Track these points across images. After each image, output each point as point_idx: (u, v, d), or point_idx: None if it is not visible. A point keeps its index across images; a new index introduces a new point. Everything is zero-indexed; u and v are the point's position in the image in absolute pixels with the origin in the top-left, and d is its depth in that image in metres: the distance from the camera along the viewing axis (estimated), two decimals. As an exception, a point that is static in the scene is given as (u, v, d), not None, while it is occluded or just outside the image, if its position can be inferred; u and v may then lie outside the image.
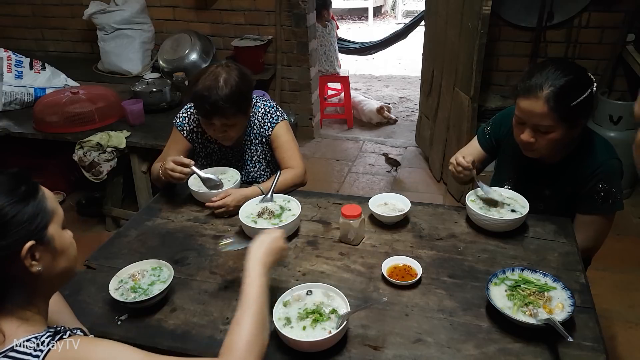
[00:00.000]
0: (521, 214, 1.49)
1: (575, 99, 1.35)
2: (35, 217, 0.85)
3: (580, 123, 1.44)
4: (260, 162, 1.92)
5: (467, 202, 1.56)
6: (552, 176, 1.59)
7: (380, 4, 10.95)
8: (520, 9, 3.38)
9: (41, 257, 0.86)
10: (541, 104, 1.36)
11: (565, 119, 1.38)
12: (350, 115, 4.69)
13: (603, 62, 3.39)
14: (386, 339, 1.15)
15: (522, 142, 1.47)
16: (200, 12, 3.99)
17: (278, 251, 1.16)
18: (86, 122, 2.87)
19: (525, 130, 1.44)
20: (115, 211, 3.09)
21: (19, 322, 0.84)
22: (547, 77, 1.37)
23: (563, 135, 1.42)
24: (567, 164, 1.56)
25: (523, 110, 1.41)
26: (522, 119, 1.43)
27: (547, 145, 1.43)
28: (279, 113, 1.88)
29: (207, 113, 1.66)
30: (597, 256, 1.70)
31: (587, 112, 1.41)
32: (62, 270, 0.92)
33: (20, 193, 0.84)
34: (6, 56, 3.23)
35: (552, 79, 1.36)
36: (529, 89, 1.38)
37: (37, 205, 0.86)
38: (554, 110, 1.35)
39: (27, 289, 0.87)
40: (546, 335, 1.11)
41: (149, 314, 1.25)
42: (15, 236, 0.82)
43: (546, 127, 1.39)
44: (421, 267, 1.34)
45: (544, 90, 1.35)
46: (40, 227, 0.86)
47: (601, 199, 1.51)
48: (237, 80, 1.66)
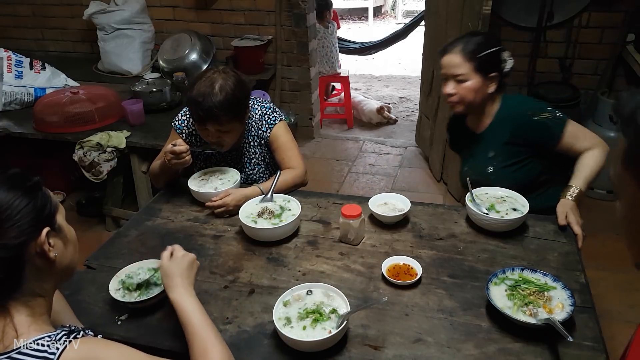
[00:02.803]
0: (522, 213, 1.50)
1: (483, 52, 1.64)
2: (45, 206, 0.89)
3: (492, 77, 1.66)
4: (259, 164, 1.92)
5: (467, 202, 1.57)
6: (487, 138, 1.78)
7: (380, 4, 10.94)
8: (520, 9, 3.38)
9: (55, 244, 0.90)
10: (456, 56, 1.65)
11: (476, 68, 1.64)
12: (350, 115, 4.69)
13: (603, 62, 3.39)
14: (386, 339, 1.15)
15: (446, 95, 1.71)
16: (200, 12, 3.99)
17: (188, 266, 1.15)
18: (86, 122, 2.87)
19: (447, 84, 1.70)
20: (115, 211, 3.09)
21: (30, 320, 0.86)
22: (461, 38, 1.70)
23: (478, 85, 1.65)
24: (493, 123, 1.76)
25: (444, 65, 1.69)
26: (444, 74, 1.70)
27: (466, 93, 1.66)
28: (277, 114, 1.87)
29: (201, 119, 1.65)
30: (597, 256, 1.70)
31: (495, 66, 1.67)
32: (69, 262, 0.96)
33: (27, 186, 0.88)
34: (6, 56, 3.23)
35: (465, 39, 1.68)
36: (447, 48, 1.69)
37: (44, 195, 0.91)
38: (467, 59, 1.64)
39: (39, 277, 0.89)
40: (546, 335, 1.11)
41: (149, 314, 1.25)
42: (30, 223, 0.85)
43: (462, 76, 1.65)
44: (421, 267, 1.34)
45: (457, 46, 1.66)
46: (51, 214, 0.91)
47: (550, 122, 1.65)
48: (232, 87, 1.65)
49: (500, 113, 1.74)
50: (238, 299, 1.30)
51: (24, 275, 0.86)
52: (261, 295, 1.31)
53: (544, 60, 3.52)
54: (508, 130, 1.71)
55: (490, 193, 1.63)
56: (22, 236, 0.84)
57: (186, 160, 1.69)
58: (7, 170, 0.91)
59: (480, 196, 1.61)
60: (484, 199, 1.59)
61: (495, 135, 1.75)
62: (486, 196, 1.61)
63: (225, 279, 1.38)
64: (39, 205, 0.88)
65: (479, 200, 1.58)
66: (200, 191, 1.71)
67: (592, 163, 1.62)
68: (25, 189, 0.88)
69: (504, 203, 1.57)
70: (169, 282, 1.11)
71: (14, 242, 0.83)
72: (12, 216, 0.83)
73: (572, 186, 1.60)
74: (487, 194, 1.63)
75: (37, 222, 0.87)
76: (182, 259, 1.15)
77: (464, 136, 1.88)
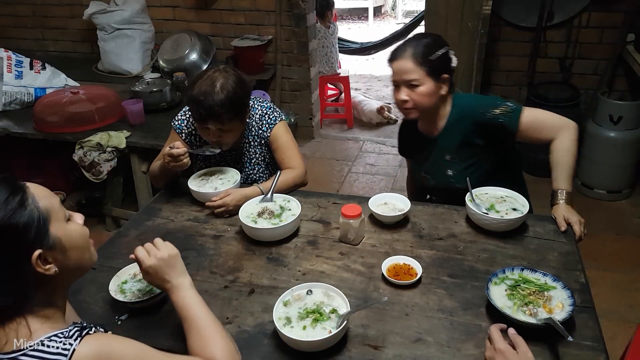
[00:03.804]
0: (522, 213, 1.50)
1: (433, 54, 1.61)
2: (29, 227, 0.82)
3: (443, 79, 1.64)
4: (259, 164, 1.92)
5: (467, 202, 1.57)
6: (442, 142, 1.76)
7: (380, 4, 10.94)
8: (520, 9, 3.38)
9: (53, 259, 0.86)
10: (407, 61, 1.61)
11: (428, 72, 1.60)
12: (350, 115, 4.69)
13: (603, 62, 3.39)
14: (386, 339, 1.15)
15: (399, 102, 1.67)
16: (200, 12, 3.99)
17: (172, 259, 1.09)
18: (86, 122, 2.87)
19: (400, 91, 1.65)
20: (115, 211, 3.09)
21: (43, 319, 0.86)
22: (409, 42, 1.66)
23: (431, 89, 1.62)
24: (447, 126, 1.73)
25: (395, 71, 1.65)
26: (396, 81, 1.66)
27: (420, 99, 1.63)
28: (277, 114, 1.87)
29: (202, 118, 1.65)
30: (597, 256, 1.70)
31: (446, 67, 1.65)
32: (76, 263, 0.92)
33: (11, 207, 0.80)
34: (6, 56, 3.23)
35: (414, 44, 1.64)
36: (397, 53, 1.65)
37: (30, 214, 0.82)
38: (418, 64, 1.60)
39: (46, 288, 0.87)
40: (546, 334, 1.11)
41: (149, 314, 1.25)
42: (19, 248, 0.81)
43: (415, 81, 1.61)
44: (421, 267, 1.34)
45: (407, 50, 1.62)
46: (42, 233, 0.83)
47: (506, 113, 1.62)
48: (233, 86, 1.65)
49: (452, 115, 1.71)
50: (238, 299, 1.30)
51: (29, 293, 0.85)
52: (261, 295, 1.31)
53: (544, 60, 3.52)
54: (462, 132, 1.69)
55: (490, 193, 1.63)
56: (11, 266, 0.81)
57: (184, 163, 1.68)
58: None
59: (480, 196, 1.61)
60: (483, 199, 1.59)
61: (450, 138, 1.73)
62: (486, 196, 1.61)
63: (225, 279, 1.38)
64: (21, 229, 0.80)
65: (478, 200, 1.58)
66: (200, 191, 1.71)
67: (567, 157, 1.59)
68: (9, 212, 0.79)
69: (504, 203, 1.57)
70: (160, 284, 1.09)
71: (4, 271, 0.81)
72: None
73: (557, 191, 1.59)
74: (487, 193, 1.63)
75: (24, 248, 0.81)
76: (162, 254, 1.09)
77: (417, 141, 1.84)
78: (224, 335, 1.03)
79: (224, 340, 1.01)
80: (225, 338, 1.02)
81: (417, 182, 1.92)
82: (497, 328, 1.03)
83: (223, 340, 1.01)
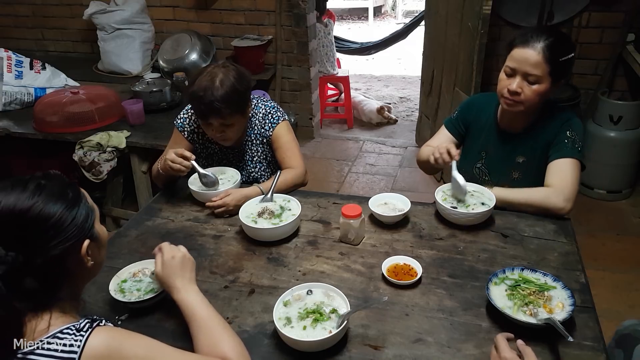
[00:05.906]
0: (489, 206, 1.52)
1: (564, 56, 1.51)
2: (87, 218, 0.92)
3: (560, 83, 1.56)
4: (261, 162, 1.92)
5: (436, 197, 1.59)
6: (521, 142, 1.69)
7: (380, 4, 10.95)
8: (520, 9, 3.38)
9: (92, 252, 0.93)
10: (536, 53, 1.49)
11: (552, 72, 1.50)
12: (350, 115, 4.69)
13: (603, 62, 3.38)
14: (386, 339, 1.15)
15: (508, 91, 1.55)
16: (200, 12, 3.99)
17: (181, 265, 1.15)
18: (86, 122, 2.87)
19: (514, 81, 1.54)
20: (115, 211, 3.09)
21: (59, 314, 0.88)
22: (543, 33, 1.52)
23: (546, 90, 1.53)
24: (533, 129, 1.67)
25: (518, 59, 1.52)
26: (513, 69, 1.54)
27: (533, 97, 1.53)
28: (280, 113, 1.88)
29: (203, 113, 1.66)
30: (597, 256, 1.70)
31: (568, 72, 1.59)
32: (101, 260, 1.00)
33: (70, 198, 0.89)
34: (6, 56, 3.23)
35: (547, 35, 1.51)
36: (527, 40, 1.51)
37: (85, 206, 0.92)
38: (547, 61, 1.49)
39: (75, 282, 0.93)
40: (546, 334, 1.11)
41: (149, 314, 1.25)
42: (74, 238, 0.88)
43: (535, 77, 1.50)
44: (421, 267, 1.34)
45: (540, 42, 1.49)
46: (90, 225, 0.93)
47: (570, 143, 1.60)
48: (233, 80, 1.65)
49: (540, 119, 1.65)
50: (238, 299, 1.30)
51: (60, 284, 0.89)
52: (261, 295, 1.31)
53: (544, 60, 3.52)
54: (544, 139, 1.63)
55: None
56: (65, 249, 0.86)
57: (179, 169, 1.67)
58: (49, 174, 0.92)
59: (447, 191, 1.65)
60: (450, 194, 1.64)
61: (530, 141, 1.66)
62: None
63: (225, 279, 1.38)
64: (82, 219, 0.90)
65: (446, 195, 1.64)
66: (200, 191, 1.71)
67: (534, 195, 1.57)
68: (70, 200, 0.88)
69: (472, 197, 1.60)
70: (168, 287, 1.14)
71: (56, 254, 0.85)
72: (59, 230, 0.85)
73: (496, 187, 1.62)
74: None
75: (79, 236, 0.89)
76: (173, 261, 1.15)
77: (489, 130, 1.75)
78: (233, 334, 1.05)
79: (233, 339, 1.03)
80: (234, 337, 1.04)
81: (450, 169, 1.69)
82: (503, 337, 1.02)
83: (233, 339, 1.03)
